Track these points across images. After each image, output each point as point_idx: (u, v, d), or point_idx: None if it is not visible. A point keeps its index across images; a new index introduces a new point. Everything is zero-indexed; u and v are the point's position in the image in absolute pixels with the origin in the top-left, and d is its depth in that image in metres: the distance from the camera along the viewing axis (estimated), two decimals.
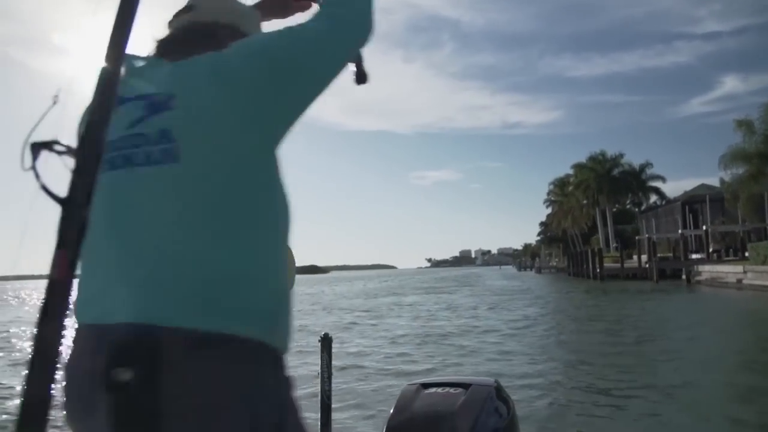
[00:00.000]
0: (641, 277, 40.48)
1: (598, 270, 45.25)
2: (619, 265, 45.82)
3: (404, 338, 13.88)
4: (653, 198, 62.67)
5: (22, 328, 18.47)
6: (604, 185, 61.66)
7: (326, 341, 2.44)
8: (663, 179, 61.80)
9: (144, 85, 1.06)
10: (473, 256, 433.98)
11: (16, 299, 45.63)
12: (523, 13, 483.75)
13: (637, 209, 65.14)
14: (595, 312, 19.43)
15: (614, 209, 65.74)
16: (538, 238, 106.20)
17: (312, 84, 1.10)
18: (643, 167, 61.92)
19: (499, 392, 1.95)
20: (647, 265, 40.59)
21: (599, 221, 64.67)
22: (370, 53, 1.25)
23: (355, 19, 1.15)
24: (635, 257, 46.87)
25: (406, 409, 1.88)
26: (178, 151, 0.99)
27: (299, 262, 1.87)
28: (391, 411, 1.92)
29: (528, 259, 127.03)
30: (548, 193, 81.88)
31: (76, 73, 0.77)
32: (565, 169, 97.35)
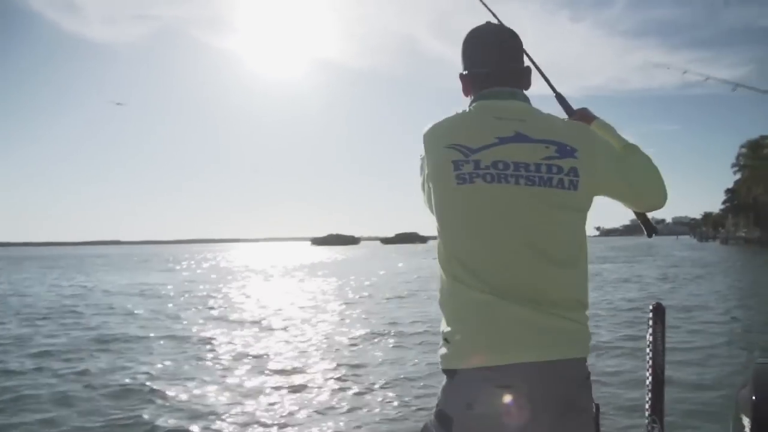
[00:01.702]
0: None
1: None
2: None
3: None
4: None
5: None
6: None
7: (659, 311, 2.02)
8: None
9: None
10: None
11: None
12: None
13: None
14: None
15: None
16: (723, 206, 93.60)
17: None
18: None
19: None
20: None
21: None
22: (534, 15, 32.15)
23: None
24: None
25: None
26: None
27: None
28: (747, 391, 1.79)
29: (709, 229, 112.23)
30: (738, 157, 73.70)
31: (246, 48, 31.93)
32: (758, 131, 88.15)
